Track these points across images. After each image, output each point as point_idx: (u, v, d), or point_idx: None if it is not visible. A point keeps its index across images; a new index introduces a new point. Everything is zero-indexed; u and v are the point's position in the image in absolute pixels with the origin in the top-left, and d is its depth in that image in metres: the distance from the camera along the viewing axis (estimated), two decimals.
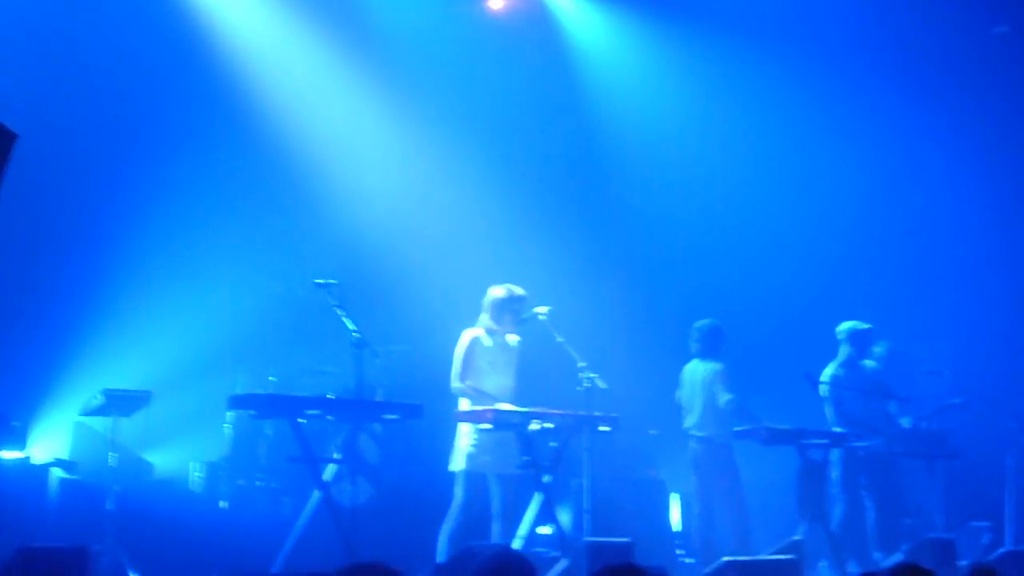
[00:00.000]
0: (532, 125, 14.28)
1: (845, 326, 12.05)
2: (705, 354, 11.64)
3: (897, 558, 10.80)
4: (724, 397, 11.37)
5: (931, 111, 14.70)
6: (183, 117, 12.91)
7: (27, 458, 10.97)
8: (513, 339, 10.16)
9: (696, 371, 11.68)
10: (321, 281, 9.75)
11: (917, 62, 14.61)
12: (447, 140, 13.63)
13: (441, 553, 9.66)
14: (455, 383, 9.95)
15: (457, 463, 9.84)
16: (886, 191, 14.91)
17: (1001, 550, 11.09)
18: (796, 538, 10.37)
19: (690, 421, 11.68)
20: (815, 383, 11.41)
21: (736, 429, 11.30)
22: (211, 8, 13.02)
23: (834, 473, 11.85)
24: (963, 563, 10.45)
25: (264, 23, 13.20)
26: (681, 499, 13.25)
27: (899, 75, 14.67)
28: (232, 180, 12.99)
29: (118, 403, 10.03)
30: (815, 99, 14.61)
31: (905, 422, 12.10)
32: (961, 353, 14.69)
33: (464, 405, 9.90)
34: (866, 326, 12.04)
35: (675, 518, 13.25)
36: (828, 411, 11.84)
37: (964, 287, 14.79)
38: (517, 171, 13.98)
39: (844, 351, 12.01)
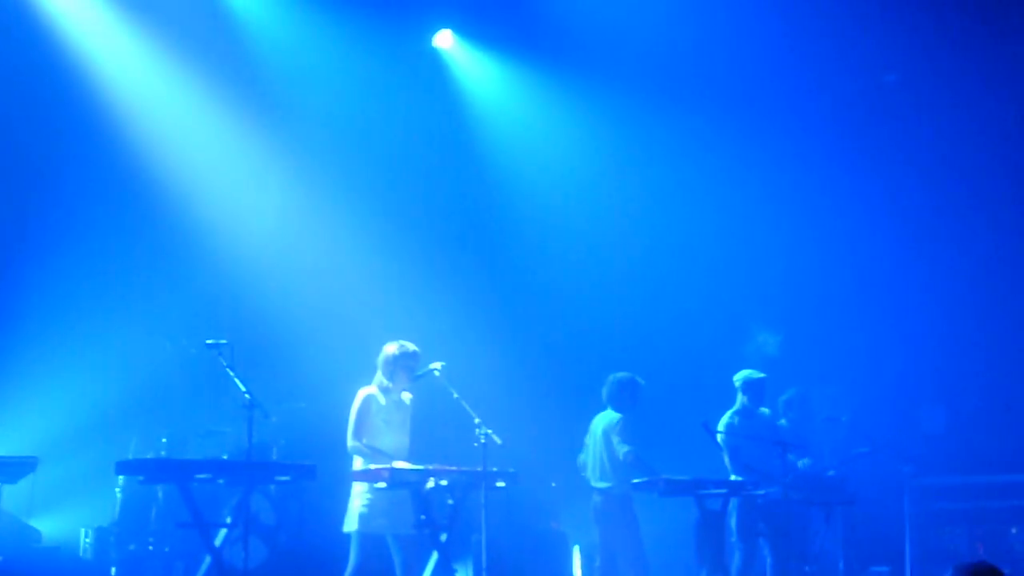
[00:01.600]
0: (425, 178, 14.25)
1: (741, 375, 12.10)
2: (610, 405, 11.62)
3: None
4: (622, 449, 11.35)
5: (825, 155, 14.90)
6: (70, 177, 12.68)
7: None
8: (407, 396, 10.05)
9: (598, 422, 11.66)
10: (212, 341, 9.59)
11: (813, 104, 14.81)
12: (341, 195, 13.54)
13: None
14: (351, 442, 9.80)
15: (351, 524, 9.67)
16: (783, 234, 15.03)
17: None
18: None
19: (591, 473, 11.64)
20: (712, 432, 11.41)
21: (635, 481, 11.26)
22: (94, 64, 12.80)
23: (732, 521, 11.84)
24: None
25: (148, 76, 13.01)
26: (582, 551, 13.17)
27: (795, 117, 14.84)
28: (120, 239, 12.78)
29: (2, 470, 9.77)
30: (711, 143, 14.74)
31: (803, 463, 12.15)
32: (857, 398, 14.81)
33: (359, 464, 9.75)
34: (760, 375, 12.08)
35: (577, 570, 13.17)
36: (725, 459, 11.85)
37: (859, 331, 14.94)
38: (411, 225, 13.91)
39: (740, 399, 12.05)
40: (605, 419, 11.60)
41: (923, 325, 14.83)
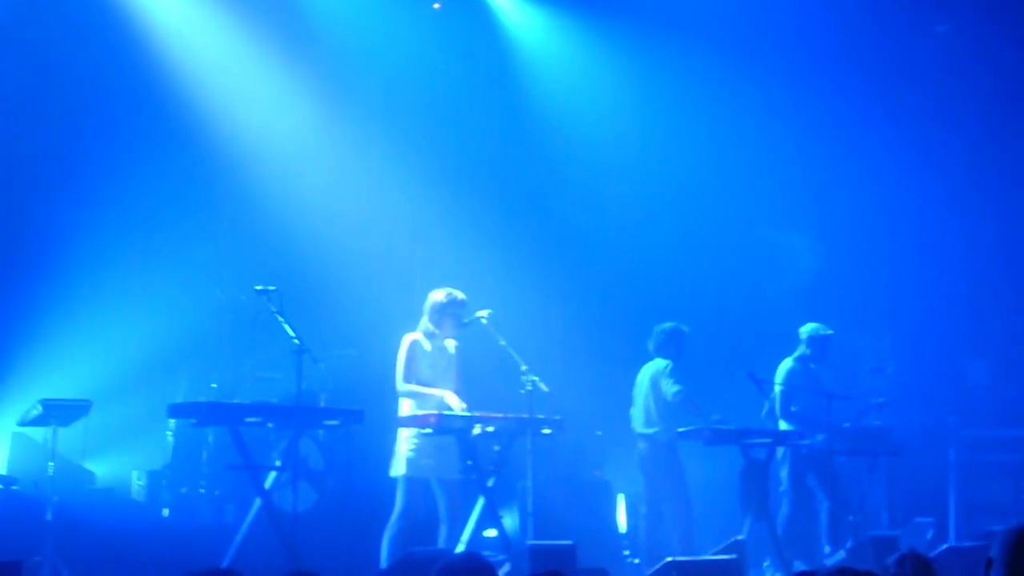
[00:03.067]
0: (474, 128, 14.23)
1: (808, 327, 12.13)
2: (657, 355, 11.69)
3: (840, 556, 10.86)
4: (672, 390, 11.41)
5: (876, 108, 14.80)
6: (121, 126, 12.78)
7: None
8: (451, 344, 10.11)
9: (645, 371, 11.73)
10: (261, 287, 9.70)
11: (860, 59, 14.70)
12: (388, 144, 13.55)
13: (384, 559, 9.61)
14: (400, 385, 9.89)
15: (398, 468, 9.78)
16: (828, 190, 14.97)
17: (944, 546, 11.16)
18: (739, 537, 10.41)
19: (636, 420, 11.72)
20: (759, 381, 11.45)
21: (680, 429, 11.33)
22: (148, 17, 12.87)
23: (782, 472, 11.91)
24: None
25: (201, 31, 13.06)
26: (627, 500, 13.26)
27: (842, 71, 14.74)
28: (171, 187, 12.86)
29: (57, 413, 9.93)
30: (759, 99, 14.65)
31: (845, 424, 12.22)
32: (902, 349, 14.80)
33: (406, 408, 9.85)
34: (828, 331, 12.12)
35: (621, 519, 13.26)
36: (776, 407, 11.89)
37: (906, 282, 14.89)
38: (458, 173, 13.92)
39: (802, 349, 12.10)
40: (652, 367, 11.68)
41: (969, 277, 14.75)
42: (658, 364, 11.64)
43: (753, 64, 14.47)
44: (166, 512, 12.05)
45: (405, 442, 9.73)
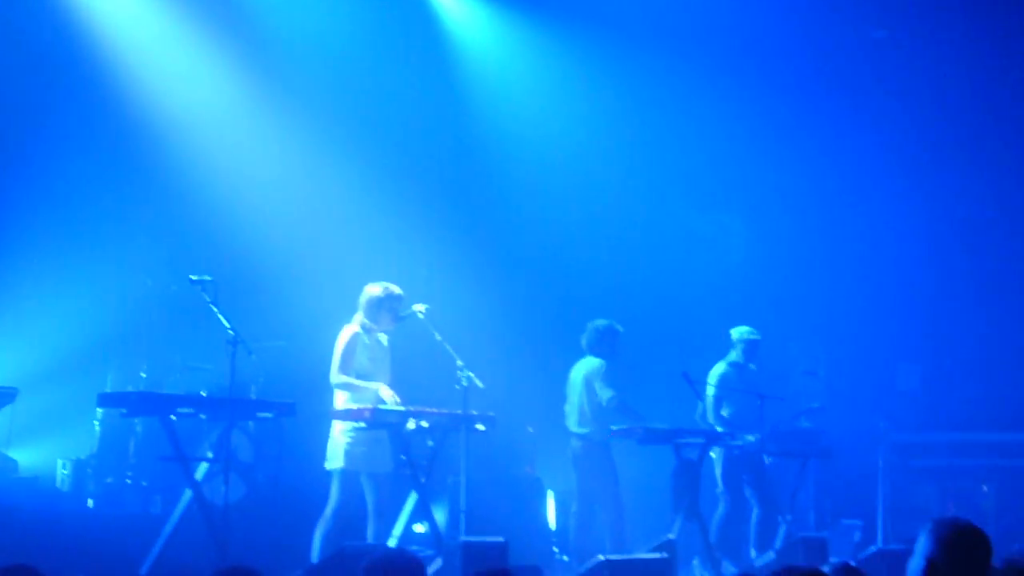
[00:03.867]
0: (411, 121, 14.18)
1: (740, 332, 12.21)
2: (590, 352, 11.67)
3: (770, 557, 10.92)
4: (605, 395, 11.41)
5: (815, 111, 14.92)
6: (52, 113, 12.59)
7: None
8: (384, 338, 10.05)
9: (578, 369, 11.72)
10: (196, 277, 9.57)
11: (801, 60, 14.80)
12: (326, 137, 13.46)
13: (315, 553, 9.53)
14: (336, 377, 9.79)
15: (333, 461, 9.71)
16: (764, 194, 15.08)
17: (872, 548, 11.27)
18: (670, 536, 10.44)
19: (570, 419, 11.71)
20: (692, 382, 11.49)
21: (613, 428, 11.35)
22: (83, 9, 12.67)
23: (717, 472, 11.98)
24: (835, 561, 10.59)
25: (137, 15, 12.88)
26: (556, 497, 13.27)
27: (782, 74, 14.84)
28: (104, 174, 12.71)
29: None
30: (700, 93, 14.72)
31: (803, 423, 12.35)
32: (834, 353, 14.94)
33: (341, 401, 9.78)
34: (757, 335, 12.22)
35: (551, 516, 13.26)
36: (708, 410, 11.95)
37: (839, 287, 15.04)
38: (395, 167, 13.87)
39: (734, 354, 12.17)
40: (585, 366, 11.67)
41: (902, 283, 14.93)
42: (591, 363, 11.62)
43: (688, 58, 14.54)
44: (91, 503, 11.88)
45: (341, 435, 9.66)
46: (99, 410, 11.71)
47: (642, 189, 14.79)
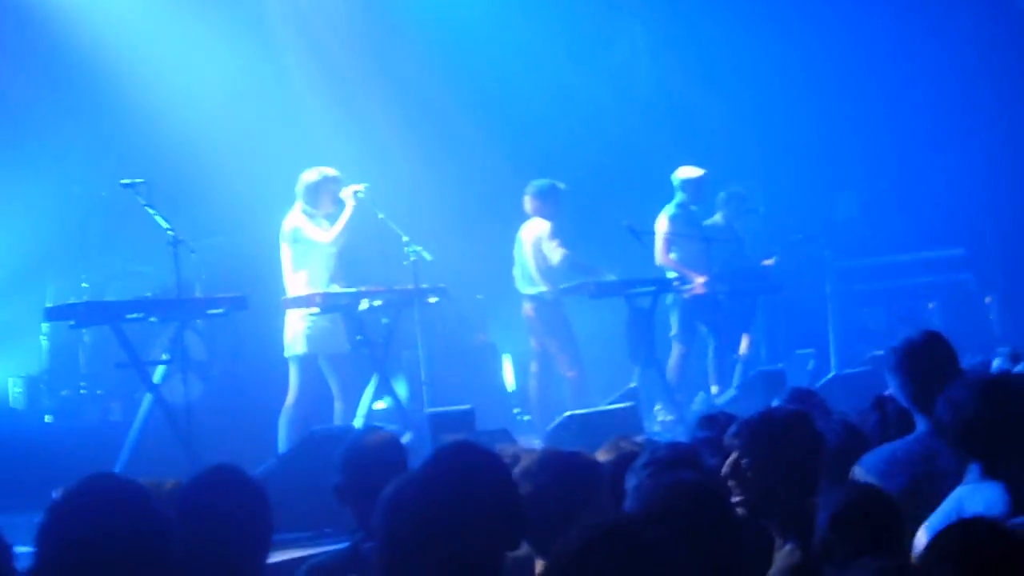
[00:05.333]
0: None
1: (681, 173, 12.19)
2: (536, 214, 11.63)
3: (731, 394, 11.08)
4: (557, 255, 11.40)
5: None
6: None
7: None
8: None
9: (524, 231, 11.69)
10: (128, 181, 9.44)
11: None
12: (250, 20, 13.12)
13: (282, 442, 9.57)
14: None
15: (292, 348, 9.73)
16: (692, 32, 14.95)
17: (829, 375, 11.46)
18: (632, 385, 10.56)
19: (520, 281, 11.72)
20: (637, 233, 11.53)
21: (563, 286, 11.39)
22: None
23: (672, 317, 12.08)
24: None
25: None
26: (513, 360, 13.36)
27: None
28: (32, 83, 12.35)
29: None
30: None
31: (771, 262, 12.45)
32: (772, 189, 15.01)
33: (293, 288, 9.77)
34: (700, 172, 12.19)
35: (508, 378, 13.37)
36: (657, 255, 12.00)
37: (772, 123, 15.04)
38: (320, 47, 13.57)
39: (678, 196, 12.17)
40: (532, 228, 11.64)
41: (832, 110, 14.95)
42: (537, 225, 11.59)
43: None
44: (49, 418, 11.80)
45: (299, 321, 9.65)
46: (44, 324, 11.57)
47: (577, 38, 14.61)
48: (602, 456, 5.11)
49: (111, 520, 3.48)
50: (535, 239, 11.56)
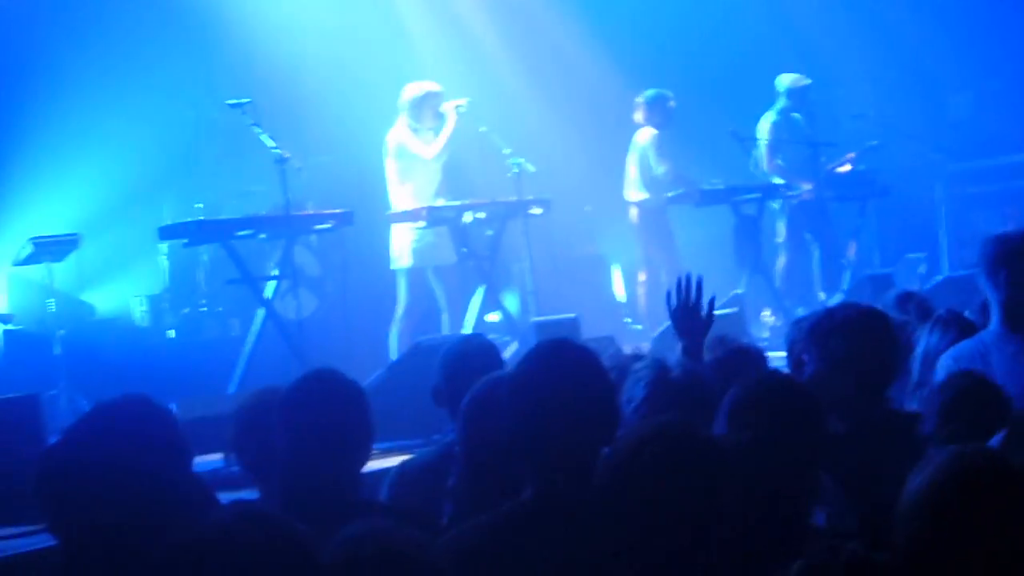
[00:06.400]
0: None
1: (786, 79, 12.08)
2: (647, 122, 11.62)
3: (838, 298, 11.03)
4: (660, 168, 11.42)
5: None
6: None
7: None
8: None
9: (634, 140, 11.71)
10: (234, 101, 9.62)
11: None
12: None
13: (393, 351, 9.77)
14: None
15: (399, 261, 9.89)
16: None
17: (938, 277, 11.35)
18: (738, 291, 10.57)
19: (627, 190, 11.75)
20: (741, 139, 11.48)
21: (669, 194, 11.40)
22: None
23: (779, 223, 12.03)
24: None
25: None
26: (622, 270, 13.41)
27: None
28: (134, 9, 12.58)
29: (48, 249, 9.94)
30: None
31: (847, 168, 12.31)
32: (881, 92, 14.75)
33: (399, 203, 9.90)
34: (807, 81, 12.07)
35: (618, 289, 13.42)
36: (762, 162, 11.93)
37: (881, 23, 14.76)
38: None
39: (781, 102, 12.07)
40: (640, 136, 11.64)
41: (943, 11, 14.62)
42: (644, 133, 11.59)
43: None
44: (172, 333, 12.15)
45: (403, 234, 9.80)
46: (164, 244, 11.88)
47: None
48: (707, 355, 5.17)
49: (132, 437, 3.44)
50: (641, 148, 11.58)
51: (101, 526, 3.34)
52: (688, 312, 5.02)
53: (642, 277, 11.86)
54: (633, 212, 11.70)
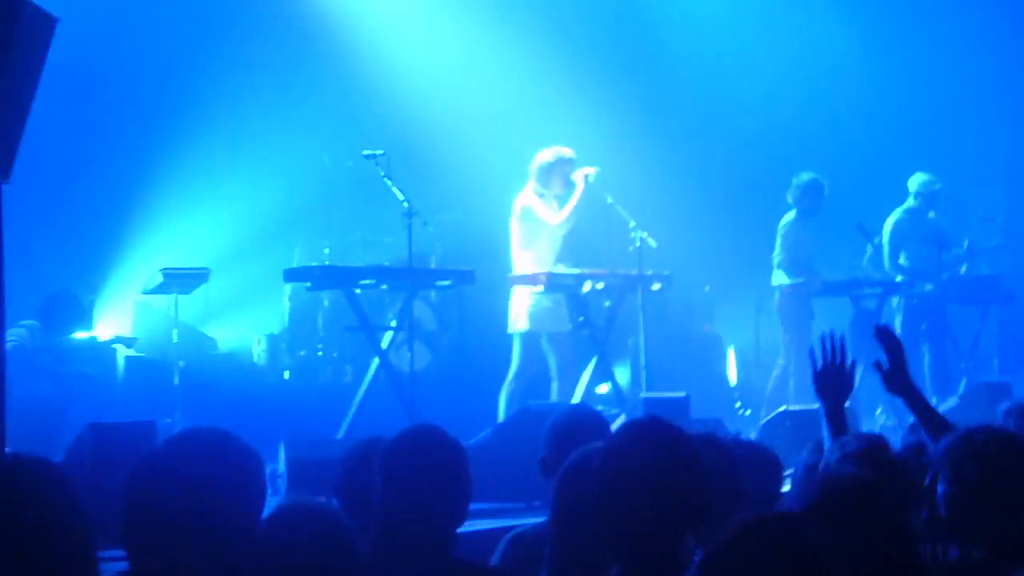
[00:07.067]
0: None
1: (917, 179, 11.98)
2: (794, 204, 11.54)
3: (953, 403, 10.87)
4: (775, 256, 11.36)
5: None
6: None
7: (94, 337, 11.18)
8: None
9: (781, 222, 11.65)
10: (369, 152, 9.82)
11: None
12: (492, 2, 13.45)
13: (502, 414, 9.83)
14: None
15: (514, 325, 9.96)
16: (936, 36, 14.67)
17: None
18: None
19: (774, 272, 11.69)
20: (867, 233, 11.41)
21: (790, 282, 11.35)
22: None
23: (896, 320, 11.90)
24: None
25: None
26: (737, 353, 13.34)
27: None
28: (279, 54, 12.96)
29: (178, 281, 10.22)
30: None
31: (963, 269, 12.16)
32: (1012, 197, 14.58)
33: (520, 266, 9.99)
34: (938, 185, 11.97)
35: (731, 371, 13.36)
36: (885, 259, 11.84)
37: (1016, 130, 14.61)
38: (563, 31, 13.80)
39: (911, 201, 11.98)
40: (784, 218, 11.56)
41: None
42: (784, 219, 11.51)
43: None
44: (287, 375, 12.37)
45: (522, 299, 9.88)
46: (288, 286, 12.13)
47: (812, 39, 14.50)
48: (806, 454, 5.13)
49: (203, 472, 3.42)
50: (778, 229, 11.47)
51: (167, 547, 3.37)
52: (831, 372, 4.95)
53: (780, 362, 11.63)
54: (776, 295, 11.54)
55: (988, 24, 14.48)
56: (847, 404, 9.21)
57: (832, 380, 4.91)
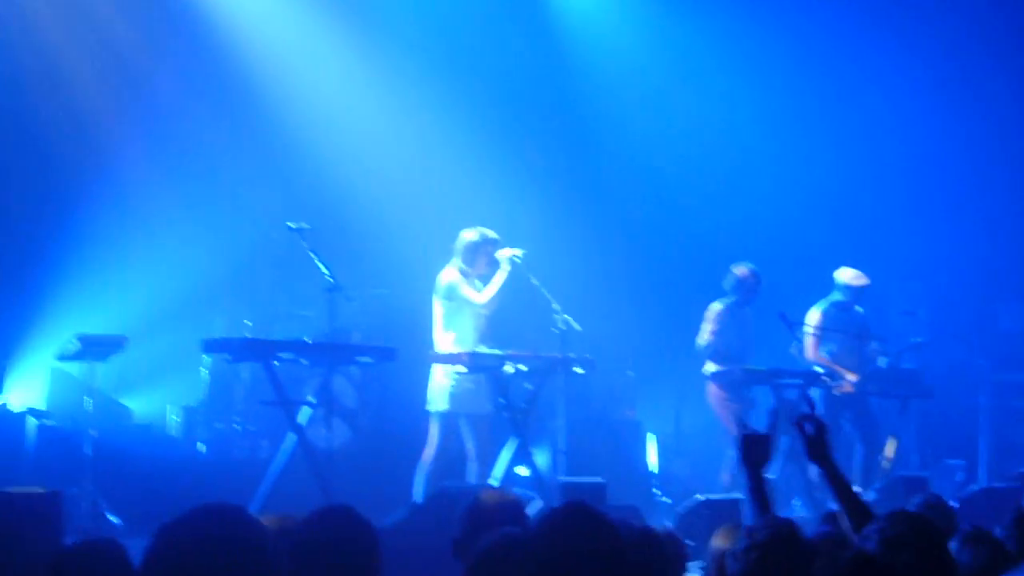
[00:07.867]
0: (508, 67, 14.17)
1: (844, 274, 12.06)
2: (731, 292, 11.65)
3: (870, 496, 10.90)
4: (702, 338, 11.45)
5: (908, 58, 14.71)
6: (153, 60, 12.78)
7: (3, 404, 10.96)
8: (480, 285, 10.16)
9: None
10: (294, 225, 9.76)
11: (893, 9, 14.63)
12: (418, 81, 13.51)
13: (417, 494, 9.73)
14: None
15: (435, 404, 9.88)
16: (864, 133, 14.92)
17: (975, 487, 11.21)
18: (769, 477, 10.43)
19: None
20: (789, 323, 11.47)
21: (713, 370, 11.37)
22: None
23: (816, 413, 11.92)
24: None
25: None
26: (658, 440, 13.33)
27: (877, 23, 14.66)
28: (204, 124, 12.88)
29: (93, 348, 10.03)
30: (796, 44, 14.59)
31: (882, 362, 12.23)
32: (933, 292, 14.79)
33: (441, 345, 9.93)
34: (865, 281, 12.06)
35: (652, 458, 13.33)
36: (807, 350, 11.91)
37: (938, 226, 14.85)
38: (489, 112, 13.86)
39: (837, 295, 12.06)
40: (712, 306, 11.68)
41: (1001, 220, 14.70)
42: (715, 305, 11.61)
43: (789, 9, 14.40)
44: (202, 447, 12.17)
45: (443, 378, 9.81)
46: (206, 357, 11.96)
47: (732, 131, 14.69)
48: (716, 542, 5.12)
49: (218, 550, 3.41)
50: (705, 315, 11.57)
51: None
52: (753, 440, 4.99)
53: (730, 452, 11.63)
54: (707, 385, 11.61)
55: (916, 119, 14.73)
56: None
57: (753, 447, 4.98)
